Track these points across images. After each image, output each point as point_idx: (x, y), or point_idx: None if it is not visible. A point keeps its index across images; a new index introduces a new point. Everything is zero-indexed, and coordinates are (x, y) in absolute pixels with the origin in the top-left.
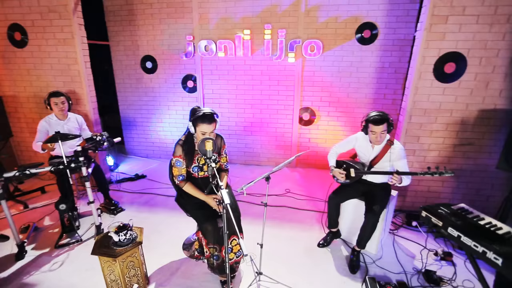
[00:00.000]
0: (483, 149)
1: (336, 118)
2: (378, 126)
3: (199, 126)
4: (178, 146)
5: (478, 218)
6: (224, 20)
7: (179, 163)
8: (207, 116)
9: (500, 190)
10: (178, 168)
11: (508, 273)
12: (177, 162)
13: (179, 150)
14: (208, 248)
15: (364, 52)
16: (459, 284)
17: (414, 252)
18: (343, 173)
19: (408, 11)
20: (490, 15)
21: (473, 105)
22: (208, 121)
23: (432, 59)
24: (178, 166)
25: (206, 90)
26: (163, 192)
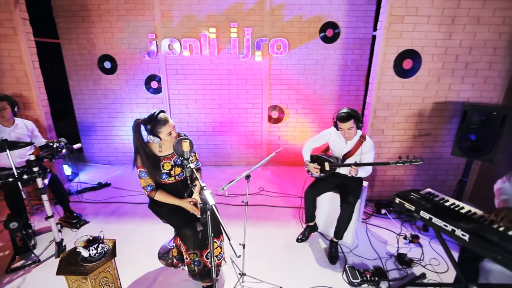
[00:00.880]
0: (438, 138)
1: (304, 115)
2: (345, 123)
3: (161, 130)
4: (137, 156)
5: (444, 200)
6: (188, 17)
7: (144, 173)
8: (162, 117)
9: (452, 174)
10: (145, 179)
11: (473, 247)
12: (142, 173)
13: (139, 160)
14: (189, 254)
15: (328, 50)
16: (427, 263)
17: (386, 238)
18: (318, 167)
19: (366, 11)
20: (439, 16)
21: (428, 98)
22: (165, 121)
23: (392, 56)
24: (144, 177)
25: (171, 90)
26: (131, 199)
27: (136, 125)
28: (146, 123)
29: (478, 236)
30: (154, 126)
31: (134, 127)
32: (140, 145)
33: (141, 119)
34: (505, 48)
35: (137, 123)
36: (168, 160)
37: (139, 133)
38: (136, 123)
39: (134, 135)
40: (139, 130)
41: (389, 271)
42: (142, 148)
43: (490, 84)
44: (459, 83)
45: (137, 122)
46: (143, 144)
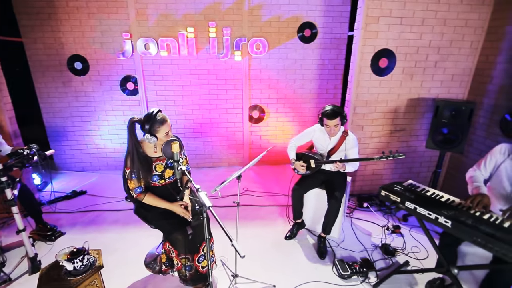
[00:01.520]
0: (412, 133)
1: (284, 114)
2: (332, 120)
3: (159, 129)
4: (128, 157)
5: (425, 191)
6: (165, 16)
7: (134, 175)
8: (160, 117)
9: (426, 166)
10: (134, 181)
11: (455, 232)
12: (132, 174)
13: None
14: (180, 259)
15: (306, 50)
16: (409, 251)
17: (369, 230)
18: (304, 165)
19: (341, 12)
20: (410, 17)
21: (403, 95)
22: (164, 120)
23: (369, 55)
24: (134, 179)
25: (149, 92)
26: (110, 206)
27: (131, 124)
28: (144, 122)
29: (459, 222)
30: (152, 125)
31: (129, 126)
32: (133, 143)
33: (136, 118)
34: (468, 48)
35: (133, 121)
36: (161, 162)
37: (134, 132)
38: (132, 122)
39: (129, 134)
40: (134, 129)
41: (375, 261)
42: (134, 147)
43: (456, 81)
44: (430, 80)
45: (133, 121)
46: (137, 144)
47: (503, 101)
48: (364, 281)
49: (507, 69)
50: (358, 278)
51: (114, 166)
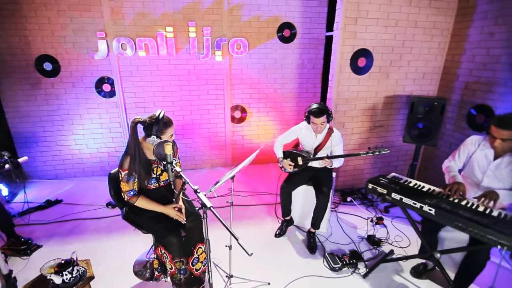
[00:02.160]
0: (390, 128)
1: (266, 114)
2: (318, 118)
3: (167, 131)
4: (127, 158)
5: (408, 182)
6: (142, 15)
7: (130, 177)
8: (167, 118)
9: (403, 160)
10: (130, 183)
11: (439, 218)
12: (127, 176)
13: (128, 162)
14: (174, 263)
15: (286, 50)
16: (393, 240)
17: (355, 223)
18: (292, 163)
19: (319, 13)
20: (385, 19)
21: (380, 93)
22: (171, 122)
23: (348, 55)
24: (129, 181)
25: (127, 93)
26: (90, 214)
27: (134, 125)
28: (152, 123)
29: (441, 209)
30: (162, 127)
31: (133, 127)
32: (135, 145)
33: (140, 119)
34: (436, 48)
35: (136, 122)
36: (159, 165)
37: (136, 133)
38: (135, 123)
39: (132, 135)
40: (136, 130)
41: (363, 252)
42: (136, 149)
43: (427, 79)
44: (404, 78)
45: (136, 121)
46: (139, 145)
47: (469, 97)
48: (354, 272)
49: (470, 68)
50: (349, 270)
51: (91, 172)
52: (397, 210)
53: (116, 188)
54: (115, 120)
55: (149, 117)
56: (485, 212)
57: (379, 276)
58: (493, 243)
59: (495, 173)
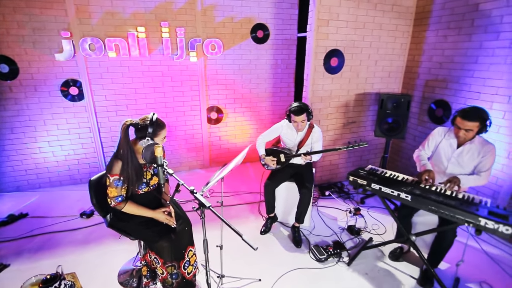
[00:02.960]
0: (361, 124)
1: (242, 114)
2: (299, 116)
3: (161, 133)
4: (118, 162)
5: (384, 173)
6: (111, 15)
7: (120, 182)
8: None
9: (373, 153)
10: (118, 188)
11: (414, 204)
12: (116, 182)
13: (119, 167)
14: (166, 268)
15: (260, 50)
16: (371, 228)
17: (335, 215)
18: (275, 159)
19: (290, 15)
20: (354, 21)
21: (352, 91)
22: (164, 124)
23: (322, 55)
24: (118, 186)
25: (97, 97)
26: (63, 227)
27: (126, 127)
28: (146, 125)
29: (416, 195)
30: (156, 128)
31: (124, 130)
32: (128, 149)
33: (132, 121)
34: (399, 49)
35: (128, 124)
36: (149, 169)
37: (128, 136)
38: (127, 125)
39: (124, 138)
40: (128, 133)
41: (345, 242)
42: (129, 153)
43: (392, 78)
44: (372, 77)
45: (128, 124)
46: (131, 149)
47: (429, 94)
48: (339, 261)
49: (429, 67)
50: (334, 259)
51: (59, 182)
52: (371, 201)
53: (98, 195)
54: (84, 125)
55: (141, 119)
56: (452, 195)
57: (362, 262)
58: (461, 221)
59: (458, 160)
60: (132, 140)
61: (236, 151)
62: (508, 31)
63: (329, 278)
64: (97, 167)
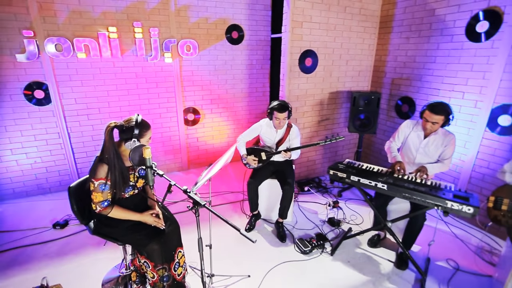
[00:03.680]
0: (335, 121)
1: (219, 114)
2: (282, 113)
3: (146, 134)
4: (103, 166)
5: (361, 166)
6: (79, 14)
7: (105, 187)
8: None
9: (347, 148)
10: (104, 193)
11: (390, 192)
12: (101, 186)
13: (104, 170)
14: (157, 271)
15: (235, 51)
16: (349, 219)
17: (315, 209)
18: (256, 159)
19: (264, 16)
20: (326, 23)
21: (326, 89)
22: (149, 125)
23: (297, 55)
24: (104, 191)
25: (65, 100)
26: (34, 239)
27: (111, 129)
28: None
29: (391, 184)
30: (142, 130)
31: (109, 132)
32: (114, 152)
33: (116, 123)
34: (367, 49)
35: (112, 126)
36: (134, 172)
37: (113, 138)
38: (111, 127)
39: (109, 141)
40: (113, 135)
41: (327, 233)
42: (115, 157)
43: (362, 76)
44: (344, 76)
45: (112, 126)
46: (117, 152)
47: (395, 91)
48: (323, 252)
49: (394, 66)
50: (318, 251)
51: (25, 193)
52: (348, 193)
53: (79, 202)
54: (52, 130)
55: (126, 121)
56: (422, 183)
57: (344, 251)
58: (431, 205)
59: (425, 150)
60: (116, 142)
61: (214, 152)
62: (460, 34)
63: (315, 269)
64: (68, 174)
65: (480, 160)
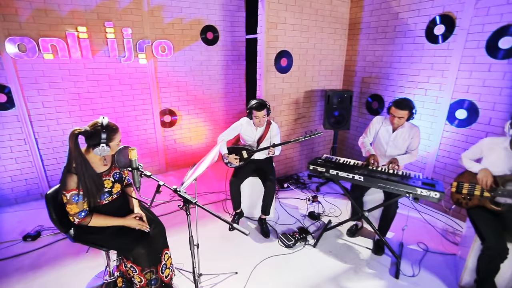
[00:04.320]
0: (311, 119)
1: (196, 115)
2: (260, 111)
3: (115, 137)
4: (72, 176)
5: (338, 160)
6: (44, 12)
7: (79, 197)
8: (112, 124)
9: (322, 145)
10: (78, 204)
11: (367, 183)
12: (74, 197)
13: (74, 181)
14: (144, 275)
15: (210, 52)
16: (329, 212)
17: (295, 205)
18: (237, 157)
19: (238, 17)
20: (299, 25)
21: (301, 88)
22: (117, 127)
23: (273, 56)
24: (78, 201)
25: (31, 104)
26: (3, 254)
27: (75, 137)
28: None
29: (367, 176)
30: (110, 133)
31: (74, 140)
32: (81, 160)
33: (80, 129)
34: (338, 50)
35: (77, 133)
36: (108, 177)
37: (79, 146)
38: (75, 134)
39: (74, 149)
40: (78, 142)
41: (308, 227)
42: (83, 165)
43: (334, 76)
44: (317, 75)
45: (77, 133)
46: (85, 159)
47: (365, 89)
48: (305, 244)
49: (364, 65)
50: (301, 244)
51: None
52: (326, 188)
53: (57, 210)
54: (17, 136)
55: (91, 125)
56: (394, 173)
57: (326, 242)
58: (403, 193)
59: (394, 143)
60: (83, 149)
61: (193, 153)
62: (421, 36)
63: (299, 261)
64: (37, 183)
65: (442, 150)
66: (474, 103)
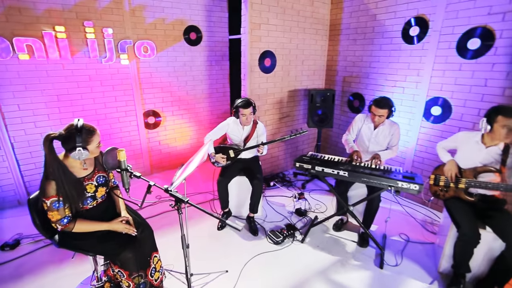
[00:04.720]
0: (295, 117)
1: (181, 116)
2: (246, 109)
3: (93, 139)
4: (50, 183)
5: (323, 157)
6: (18, 10)
7: (60, 204)
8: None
9: (307, 143)
10: (60, 210)
11: (351, 178)
12: (54, 204)
13: (53, 187)
14: (132, 280)
15: (194, 52)
16: (315, 208)
17: (282, 202)
18: (224, 157)
19: (221, 18)
20: (282, 25)
21: (285, 88)
22: (94, 129)
23: (256, 56)
24: (59, 208)
25: (6, 107)
26: None
27: (50, 142)
28: (73, 134)
29: (351, 171)
30: (87, 136)
31: (48, 145)
32: (58, 166)
33: (55, 133)
34: (320, 50)
35: (51, 138)
36: (90, 181)
37: (54, 151)
38: (49, 139)
39: (50, 155)
40: (53, 147)
41: (295, 223)
42: (60, 170)
43: (316, 75)
44: (300, 75)
45: (51, 137)
46: (62, 165)
47: (347, 88)
48: (293, 240)
49: (345, 65)
50: (289, 240)
51: None
52: (311, 185)
53: (41, 215)
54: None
55: (65, 129)
56: (377, 168)
57: (313, 238)
58: (386, 186)
59: (376, 139)
60: (62, 155)
61: (178, 154)
62: (397, 37)
63: (288, 256)
64: (14, 189)
65: (420, 145)
66: (447, 100)
